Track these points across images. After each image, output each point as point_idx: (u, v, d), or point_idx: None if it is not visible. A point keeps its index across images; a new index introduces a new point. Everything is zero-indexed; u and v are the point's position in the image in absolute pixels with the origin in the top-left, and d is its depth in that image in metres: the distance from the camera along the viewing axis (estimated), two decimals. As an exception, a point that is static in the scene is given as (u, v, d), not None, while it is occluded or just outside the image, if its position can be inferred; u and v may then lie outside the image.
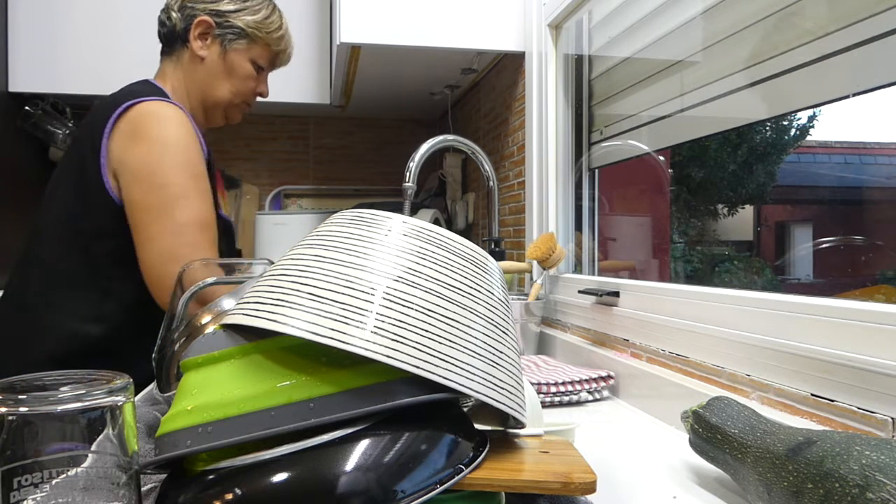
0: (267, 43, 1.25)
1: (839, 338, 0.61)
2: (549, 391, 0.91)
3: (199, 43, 1.20)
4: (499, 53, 1.64)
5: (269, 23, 1.24)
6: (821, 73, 0.76)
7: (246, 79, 1.25)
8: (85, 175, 1.08)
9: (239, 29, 1.21)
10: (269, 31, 1.24)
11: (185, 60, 1.22)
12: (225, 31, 1.21)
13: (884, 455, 0.40)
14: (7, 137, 1.93)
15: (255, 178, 2.53)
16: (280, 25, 1.26)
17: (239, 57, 1.23)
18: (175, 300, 0.72)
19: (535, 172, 1.44)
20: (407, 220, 0.49)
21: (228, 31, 1.21)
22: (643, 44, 1.16)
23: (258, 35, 1.23)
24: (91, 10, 1.94)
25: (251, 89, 1.27)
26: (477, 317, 0.46)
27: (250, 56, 1.24)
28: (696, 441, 0.60)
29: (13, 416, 0.37)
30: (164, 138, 1.07)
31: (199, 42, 1.20)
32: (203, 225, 1.08)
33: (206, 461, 0.41)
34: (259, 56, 1.25)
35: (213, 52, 1.21)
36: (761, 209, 1.42)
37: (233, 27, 1.21)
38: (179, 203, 1.06)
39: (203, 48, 1.21)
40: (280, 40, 1.27)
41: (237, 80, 1.24)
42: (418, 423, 0.42)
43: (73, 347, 1.08)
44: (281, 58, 1.31)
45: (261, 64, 1.26)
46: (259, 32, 1.23)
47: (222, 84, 1.23)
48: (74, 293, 1.09)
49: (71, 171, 1.12)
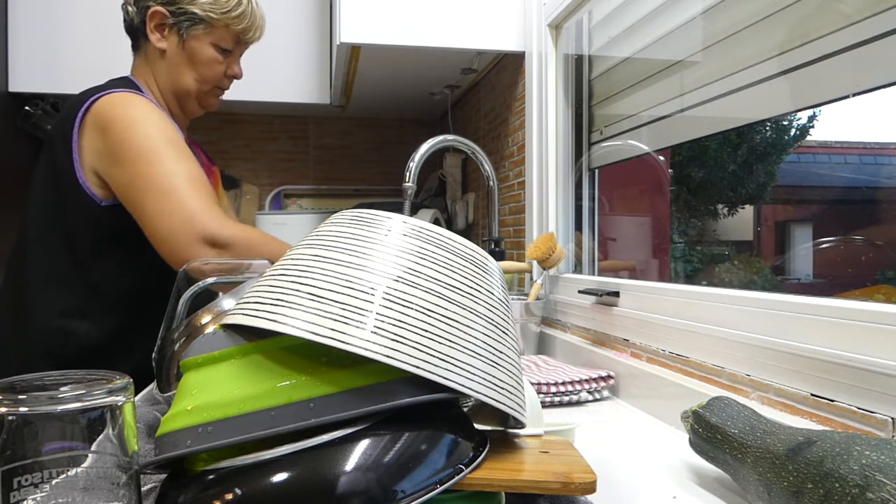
0: (226, 24, 1.18)
1: (839, 338, 0.61)
2: (549, 391, 0.91)
3: (157, 35, 1.17)
4: (499, 53, 1.64)
5: (225, 2, 1.18)
6: (821, 73, 0.76)
7: (210, 64, 1.20)
8: (59, 173, 1.09)
9: (193, 14, 1.16)
10: (226, 12, 1.18)
11: (149, 54, 1.20)
12: (180, 20, 1.16)
13: (884, 455, 0.40)
14: (7, 137, 1.93)
15: (255, 178, 2.53)
16: (239, 2, 1.19)
17: (199, 43, 1.18)
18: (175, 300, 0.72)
19: (535, 172, 1.44)
20: (407, 220, 0.49)
21: (183, 19, 1.16)
22: (643, 44, 1.16)
23: (214, 18, 1.17)
24: (91, 10, 1.94)
25: (219, 73, 1.22)
26: (477, 317, 0.46)
27: (211, 40, 1.19)
28: (696, 441, 0.60)
29: (13, 416, 0.37)
30: (129, 117, 1.07)
31: (157, 34, 1.17)
32: (191, 179, 1.04)
33: (206, 461, 0.41)
34: (220, 39, 1.19)
35: (172, 42, 1.17)
36: (761, 209, 1.42)
37: (186, 14, 1.16)
38: (161, 165, 1.03)
39: (161, 40, 1.17)
40: (240, 19, 1.20)
41: (202, 67, 1.20)
42: (418, 423, 0.42)
43: (60, 343, 1.09)
44: (247, 35, 1.23)
45: (224, 46, 1.20)
46: (215, 15, 1.17)
47: (187, 73, 1.19)
48: (59, 290, 1.10)
49: (46, 170, 1.12)
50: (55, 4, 1.95)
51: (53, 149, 1.11)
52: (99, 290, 1.11)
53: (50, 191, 1.11)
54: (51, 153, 1.11)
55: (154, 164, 1.03)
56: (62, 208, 1.09)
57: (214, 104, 1.28)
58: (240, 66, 1.27)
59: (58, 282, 1.10)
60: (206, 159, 1.38)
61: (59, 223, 1.10)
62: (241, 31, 1.21)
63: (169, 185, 1.03)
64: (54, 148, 1.10)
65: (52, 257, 1.10)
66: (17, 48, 1.93)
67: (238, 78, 1.27)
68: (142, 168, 1.04)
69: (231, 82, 1.27)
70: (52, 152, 1.11)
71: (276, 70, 2.09)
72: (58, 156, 1.09)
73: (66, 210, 1.09)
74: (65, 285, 1.09)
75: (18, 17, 1.93)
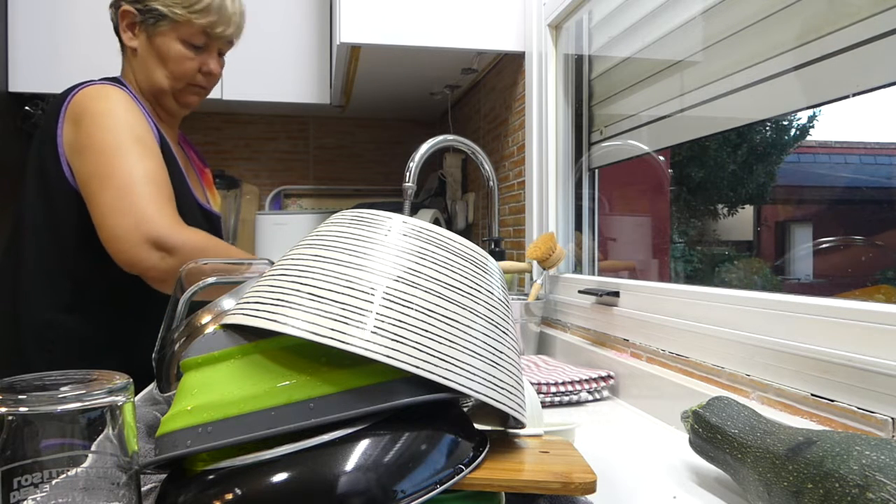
0: (188, 20, 1.15)
1: (839, 338, 0.61)
2: (549, 391, 0.91)
3: (129, 34, 1.17)
4: (499, 53, 1.64)
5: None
6: (821, 73, 0.76)
7: (180, 60, 1.18)
8: (45, 166, 1.09)
9: (157, 11, 1.15)
10: (188, 6, 1.15)
11: (127, 54, 1.20)
12: (146, 17, 1.16)
13: (884, 455, 0.40)
14: (7, 137, 1.93)
15: (255, 178, 2.53)
16: None
17: (165, 40, 1.16)
18: (175, 300, 0.72)
19: (535, 172, 1.44)
20: (407, 220, 0.49)
21: (149, 16, 1.15)
22: (643, 44, 1.16)
23: (178, 13, 1.15)
24: (91, 10, 1.95)
25: (190, 70, 1.19)
26: (477, 317, 0.46)
27: (178, 36, 1.16)
28: (696, 441, 0.60)
29: (13, 416, 0.37)
30: (100, 110, 1.07)
31: (128, 33, 1.17)
32: (150, 180, 1.04)
33: (206, 461, 0.41)
34: (189, 35, 1.17)
35: (142, 40, 1.17)
36: (761, 209, 1.42)
37: (151, 11, 1.15)
38: (122, 162, 1.03)
39: (132, 39, 1.17)
40: (204, 13, 1.16)
41: (171, 64, 1.17)
42: (418, 423, 0.42)
43: (50, 338, 1.09)
44: (216, 30, 1.19)
45: (194, 42, 1.18)
46: (178, 10, 1.15)
47: (157, 70, 1.18)
48: (47, 284, 1.10)
49: (34, 163, 1.12)
50: (55, 4, 1.96)
51: (40, 141, 1.11)
52: (86, 284, 1.11)
53: (38, 184, 1.11)
54: (38, 146, 1.12)
55: (115, 160, 1.03)
56: (50, 201, 1.10)
57: (194, 102, 1.25)
58: (216, 64, 1.23)
59: (46, 276, 1.10)
60: (198, 160, 1.37)
61: (48, 216, 1.10)
62: (208, 26, 1.18)
63: (126, 183, 1.02)
64: (41, 140, 1.11)
65: (40, 251, 1.11)
66: (17, 48, 1.93)
67: (213, 75, 1.24)
68: (102, 163, 1.03)
69: (210, 80, 1.24)
70: (40, 144, 1.11)
71: (276, 70, 2.09)
72: (43, 146, 1.10)
73: (52, 202, 1.09)
74: (53, 279, 1.10)
75: (18, 17, 1.93)
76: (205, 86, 1.24)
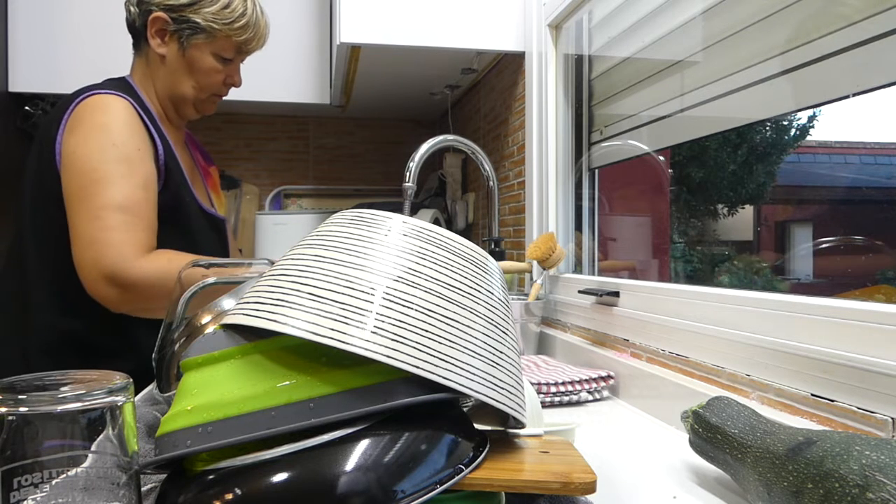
0: (227, 35, 1.16)
1: (839, 338, 0.61)
2: (549, 391, 0.91)
3: (157, 41, 1.15)
4: (499, 53, 1.64)
5: (229, 13, 1.15)
6: (821, 73, 0.76)
7: (210, 73, 1.18)
8: (44, 171, 1.09)
9: (196, 24, 1.13)
10: (229, 23, 1.15)
11: (149, 57, 1.18)
12: (181, 27, 1.14)
13: (884, 455, 0.40)
14: (7, 137, 1.93)
15: (255, 178, 2.53)
16: (243, 12, 1.17)
17: (199, 53, 1.16)
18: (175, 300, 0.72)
19: (535, 172, 1.44)
20: (407, 220, 0.49)
21: (185, 27, 1.14)
22: (643, 44, 1.16)
23: (217, 28, 1.14)
24: (91, 9, 1.94)
25: (217, 82, 1.21)
26: (477, 317, 0.46)
27: (212, 50, 1.17)
28: (696, 441, 0.60)
29: (13, 416, 0.37)
30: (95, 125, 1.06)
31: (157, 39, 1.15)
32: (124, 208, 1.02)
33: (206, 461, 0.41)
34: (222, 49, 1.17)
35: (172, 49, 1.15)
36: (761, 209, 1.42)
37: (189, 22, 1.13)
38: (99, 187, 1.02)
39: (161, 46, 1.15)
40: (243, 30, 1.17)
41: (201, 76, 1.18)
42: (418, 423, 0.42)
43: (56, 341, 1.09)
44: (249, 45, 1.21)
45: (225, 56, 1.19)
46: (217, 25, 1.14)
47: (185, 81, 1.18)
48: (52, 287, 1.10)
49: (34, 167, 1.12)
50: (55, 4, 1.95)
51: (41, 146, 1.11)
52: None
53: (38, 189, 1.11)
54: (39, 150, 1.11)
55: (92, 185, 1.02)
56: (47, 206, 1.09)
57: (212, 109, 1.27)
58: (240, 76, 1.25)
59: (51, 279, 1.10)
60: (202, 159, 1.37)
61: (48, 221, 1.10)
62: (244, 42, 1.19)
63: (97, 210, 1.01)
64: (41, 145, 1.10)
65: (44, 255, 1.10)
66: (17, 48, 1.93)
67: (237, 86, 1.26)
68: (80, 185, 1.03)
69: (229, 89, 1.26)
70: (40, 149, 1.10)
71: (276, 70, 2.09)
72: (43, 152, 1.09)
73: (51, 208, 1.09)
74: (57, 283, 1.09)
75: (18, 17, 1.93)
76: (225, 95, 1.26)
